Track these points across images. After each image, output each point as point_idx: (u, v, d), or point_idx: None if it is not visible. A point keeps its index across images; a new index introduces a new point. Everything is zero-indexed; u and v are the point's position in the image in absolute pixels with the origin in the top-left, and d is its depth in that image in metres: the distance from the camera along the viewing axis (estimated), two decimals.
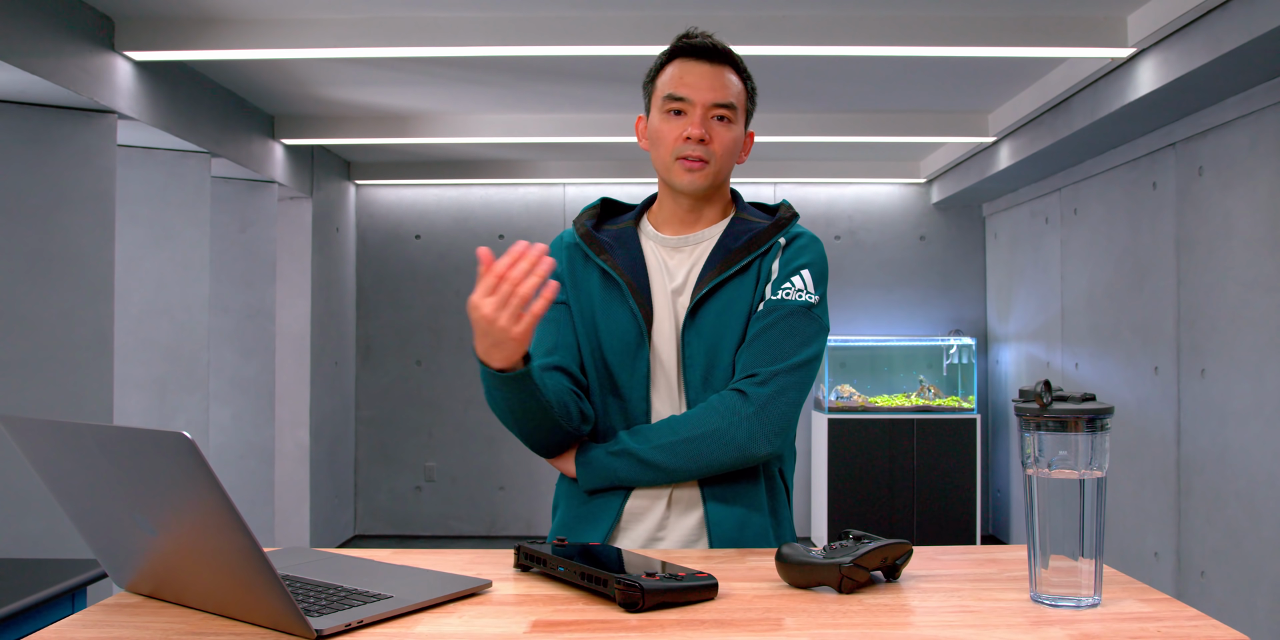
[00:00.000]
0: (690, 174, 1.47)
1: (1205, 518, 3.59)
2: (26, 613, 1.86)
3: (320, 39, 3.34)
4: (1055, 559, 1.08)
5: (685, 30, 1.52)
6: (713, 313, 1.47)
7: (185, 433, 0.90)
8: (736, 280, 1.48)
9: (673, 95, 1.46)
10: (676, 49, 1.50)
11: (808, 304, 1.45)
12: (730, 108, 1.46)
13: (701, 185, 1.48)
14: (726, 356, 1.46)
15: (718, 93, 1.46)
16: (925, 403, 5.79)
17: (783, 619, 1.04)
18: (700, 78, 1.46)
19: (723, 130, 1.47)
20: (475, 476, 6.21)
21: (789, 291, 1.46)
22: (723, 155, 1.47)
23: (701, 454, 1.40)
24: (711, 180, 1.48)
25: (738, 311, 1.47)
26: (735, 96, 1.48)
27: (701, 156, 1.46)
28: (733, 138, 1.48)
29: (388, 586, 1.12)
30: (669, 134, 1.47)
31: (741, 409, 1.39)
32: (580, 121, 4.79)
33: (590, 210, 1.59)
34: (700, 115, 1.45)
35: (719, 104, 1.46)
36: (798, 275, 1.47)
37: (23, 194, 3.24)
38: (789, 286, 1.46)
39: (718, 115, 1.46)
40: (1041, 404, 1.07)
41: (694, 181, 1.47)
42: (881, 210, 6.21)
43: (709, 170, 1.47)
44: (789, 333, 1.43)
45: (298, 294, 5.34)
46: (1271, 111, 3.23)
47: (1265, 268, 3.25)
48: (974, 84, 4.18)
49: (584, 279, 1.53)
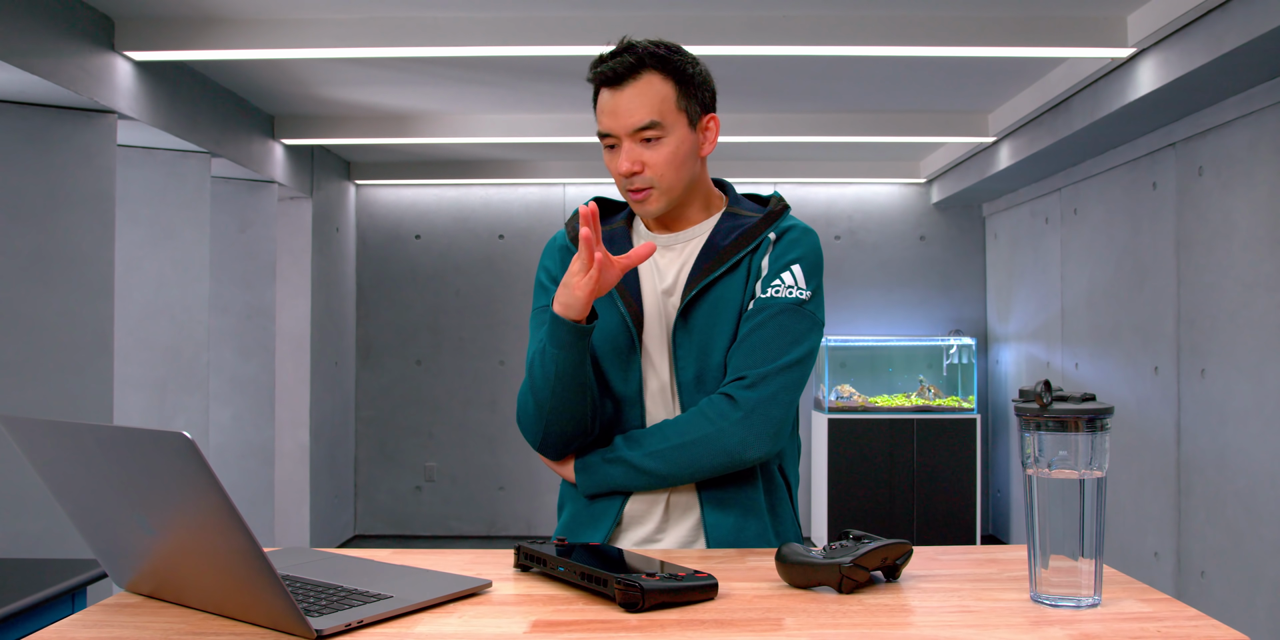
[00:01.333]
0: (641, 205, 1.46)
1: (1205, 518, 3.59)
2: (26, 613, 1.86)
3: (320, 39, 3.34)
4: (1055, 559, 1.08)
5: (598, 55, 1.46)
6: (703, 313, 1.46)
7: (185, 433, 0.90)
8: (726, 279, 1.46)
9: (600, 132, 1.45)
10: (593, 80, 1.46)
11: (798, 300, 1.44)
12: (652, 126, 1.41)
13: (654, 210, 1.46)
14: (718, 357, 1.45)
15: (635, 116, 1.41)
16: (925, 403, 5.79)
17: (783, 619, 1.04)
18: (616, 106, 1.42)
19: (653, 152, 1.43)
20: (475, 476, 6.21)
21: (779, 288, 1.44)
22: (665, 173, 1.43)
23: (694, 460, 1.40)
24: (665, 201, 1.46)
25: (728, 311, 1.45)
26: (656, 110, 1.41)
27: (639, 186, 1.44)
28: (669, 153, 1.43)
29: (388, 586, 1.12)
30: (611, 169, 1.46)
31: (730, 414, 1.39)
32: (580, 121, 4.79)
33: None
34: (627, 146, 1.43)
35: (639, 128, 1.42)
36: (788, 271, 1.45)
37: (23, 194, 3.24)
38: (779, 283, 1.44)
39: (643, 138, 1.42)
40: (1041, 404, 1.07)
41: (647, 210, 1.46)
42: (881, 210, 6.21)
43: (655, 194, 1.45)
44: (779, 332, 1.42)
45: (298, 294, 5.34)
46: (1271, 111, 3.23)
47: (1265, 268, 3.25)
48: (974, 84, 4.18)
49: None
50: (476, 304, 6.23)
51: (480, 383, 6.22)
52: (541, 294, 1.56)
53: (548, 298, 1.54)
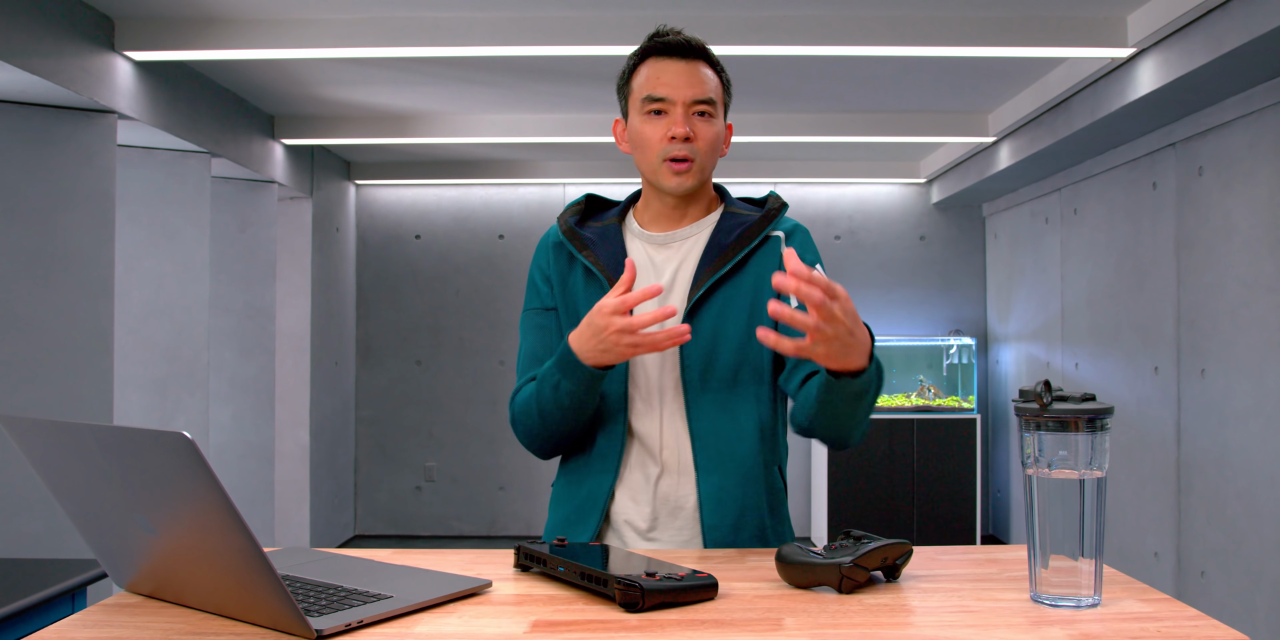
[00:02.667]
0: (679, 177, 1.46)
1: (1205, 518, 3.59)
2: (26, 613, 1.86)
3: (320, 39, 3.34)
4: (1055, 559, 1.08)
5: (654, 29, 1.50)
6: (711, 314, 1.46)
7: (185, 433, 0.90)
8: (732, 278, 1.47)
9: (652, 96, 1.45)
10: (649, 49, 1.48)
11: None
12: (710, 103, 1.45)
13: (690, 185, 1.47)
14: (725, 356, 1.45)
15: (696, 89, 1.44)
16: (925, 403, 5.79)
17: (783, 619, 1.04)
18: (677, 75, 1.45)
19: (705, 126, 1.46)
20: (475, 476, 6.21)
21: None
22: (707, 152, 1.46)
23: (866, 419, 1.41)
24: (699, 178, 1.47)
25: (736, 311, 1.46)
26: (713, 91, 1.46)
27: (687, 155, 1.45)
28: (715, 133, 1.47)
29: (388, 586, 1.12)
30: (652, 135, 1.46)
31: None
32: (580, 121, 4.79)
33: (574, 207, 1.58)
34: (682, 113, 1.44)
35: (699, 100, 1.44)
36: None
37: (23, 194, 3.24)
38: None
39: (698, 111, 1.45)
40: (1041, 404, 1.07)
41: (682, 183, 1.46)
42: (881, 210, 6.21)
43: (695, 168, 1.46)
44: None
45: (298, 294, 5.34)
46: (1271, 111, 3.23)
47: (1265, 268, 3.25)
48: (974, 84, 4.18)
49: (569, 277, 1.53)
50: (476, 304, 6.23)
51: (480, 383, 6.22)
52: (534, 295, 1.56)
53: (540, 299, 1.55)
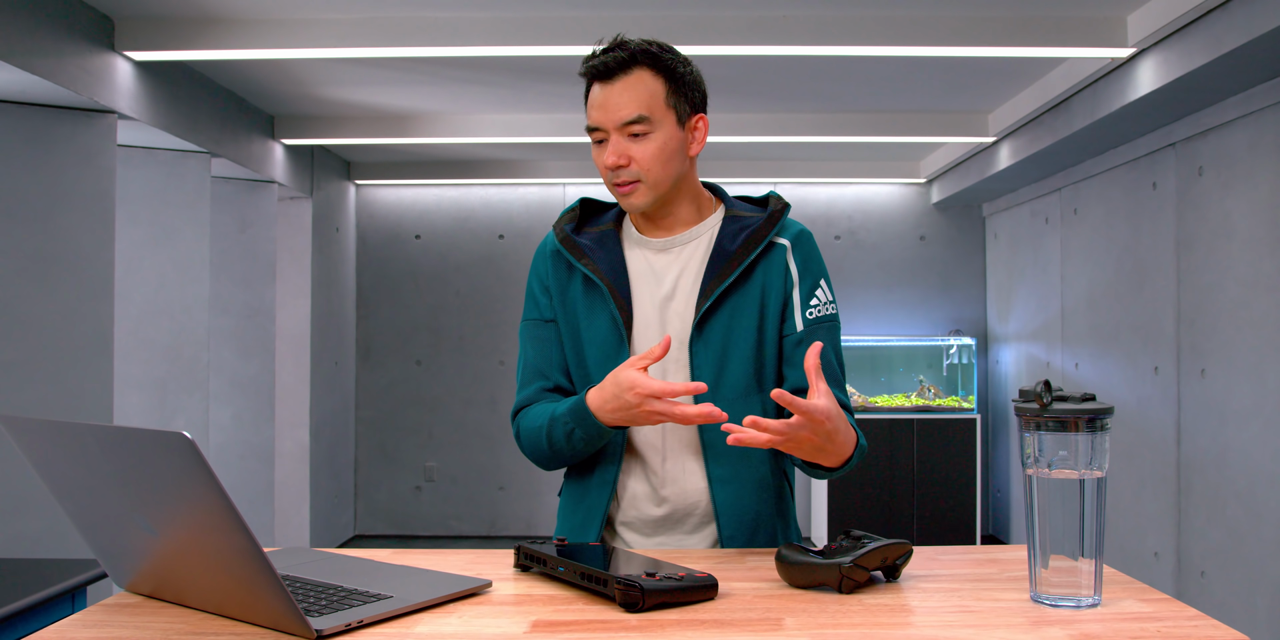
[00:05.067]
0: (626, 199, 1.46)
1: (1205, 518, 3.59)
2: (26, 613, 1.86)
3: (320, 39, 3.34)
4: (1055, 559, 1.08)
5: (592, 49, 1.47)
6: (720, 323, 1.45)
7: (185, 433, 0.90)
8: (740, 286, 1.46)
9: (589, 126, 1.46)
10: (584, 73, 1.46)
11: (834, 316, 1.52)
12: (640, 121, 1.42)
13: (641, 204, 1.46)
14: (735, 365, 1.45)
15: (623, 111, 1.41)
16: (925, 403, 5.79)
17: (783, 619, 1.04)
18: (605, 100, 1.43)
19: (640, 146, 1.43)
20: (475, 476, 6.20)
21: (819, 308, 1.50)
22: (651, 168, 1.43)
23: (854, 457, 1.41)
24: (652, 195, 1.45)
25: (745, 321, 1.46)
26: (645, 105, 1.42)
27: (625, 180, 1.44)
28: (656, 148, 1.43)
29: (388, 586, 1.12)
30: (598, 163, 1.46)
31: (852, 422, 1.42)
32: (580, 121, 4.79)
33: (569, 213, 1.57)
34: (614, 140, 1.43)
35: (627, 122, 1.42)
36: (819, 289, 1.50)
37: (23, 194, 3.24)
38: (817, 302, 1.49)
39: (631, 133, 1.42)
40: (1041, 404, 1.07)
41: (632, 204, 1.46)
42: (881, 210, 6.21)
43: (642, 188, 1.44)
44: (837, 352, 1.51)
45: (298, 294, 5.34)
46: (1271, 111, 3.23)
47: (1265, 268, 3.25)
48: (974, 84, 4.18)
49: (569, 286, 1.52)
50: (476, 304, 6.23)
51: (480, 383, 6.22)
52: (533, 306, 1.55)
53: (539, 310, 1.54)
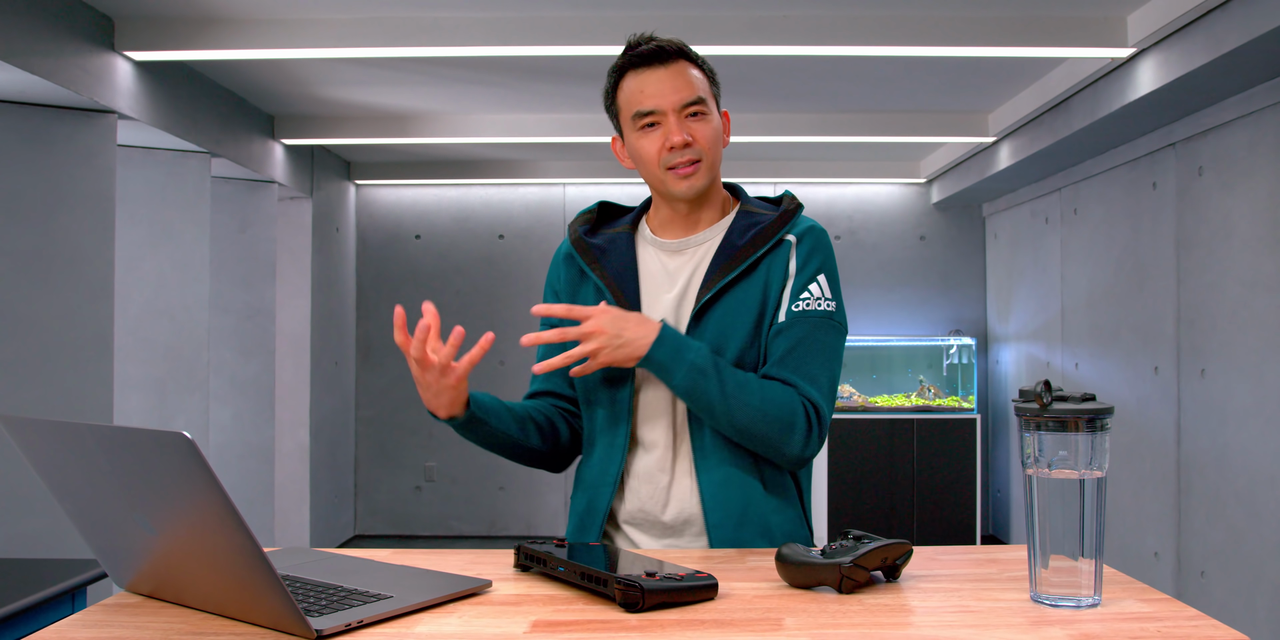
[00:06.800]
0: (686, 180, 1.44)
1: (1205, 518, 3.59)
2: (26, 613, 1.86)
3: (320, 39, 3.34)
4: (1055, 559, 1.08)
5: (626, 41, 1.48)
6: (718, 317, 1.44)
7: (185, 433, 0.90)
8: (743, 281, 1.45)
9: (641, 111, 1.44)
10: (624, 64, 1.47)
11: (828, 312, 1.44)
12: (700, 102, 1.44)
13: (700, 185, 1.45)
14: (729, 359, 1.44)
15: (683, 92, 1.43)
16: (925, 403, 5.79)
17: (783, 619, 1.04)
18: (660, 84, 1.43)
19: (701, 125, 1.44)
20: (475, 476, 6.20)
21: (809, 301, 1.44)
22: (710, 148, 1.45)
23: (755, 426, 1.38)
24: (709, 175, 1.46)
25: (745, 314, 1.44)
26: (701, 89, 1.45)
27: (692, 158, 1.44)
28: (713, 129, 1.45)
29: (388, 586, 1.12)
30: (650, 149, 1.45)
31: (811, 415, 1.40)
32: (580, 121, 4.79)
33: (585, 215, 1.57)
34: (675, 121, 1.43)
35: (689, 102, 1.43)
36: (815, 283, 1.44)
37: (23, 194, 3.23)
38: (808, 296, 1.44)
39: (691, 113, 1.44)
40: (1041, 404, 1.07)
41: (692, 185, 1.45)
42: (881, 210, 6.21)
43: (703, 167, 1.45)
44: (821, 347, 1.43)
45: (298, 294, 5.34)
46: (1271, 111, 3.23)
47: (1265, 268, 3.25)
48: (974, 84, 4.18)
49: (581, 291, 1.52)
50: (476, 304, 6.23)
51: (480, 383, 6.19)
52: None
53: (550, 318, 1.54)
